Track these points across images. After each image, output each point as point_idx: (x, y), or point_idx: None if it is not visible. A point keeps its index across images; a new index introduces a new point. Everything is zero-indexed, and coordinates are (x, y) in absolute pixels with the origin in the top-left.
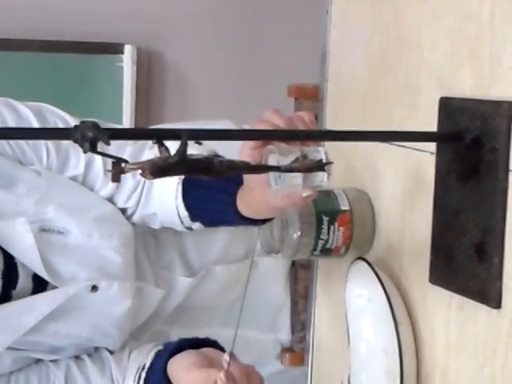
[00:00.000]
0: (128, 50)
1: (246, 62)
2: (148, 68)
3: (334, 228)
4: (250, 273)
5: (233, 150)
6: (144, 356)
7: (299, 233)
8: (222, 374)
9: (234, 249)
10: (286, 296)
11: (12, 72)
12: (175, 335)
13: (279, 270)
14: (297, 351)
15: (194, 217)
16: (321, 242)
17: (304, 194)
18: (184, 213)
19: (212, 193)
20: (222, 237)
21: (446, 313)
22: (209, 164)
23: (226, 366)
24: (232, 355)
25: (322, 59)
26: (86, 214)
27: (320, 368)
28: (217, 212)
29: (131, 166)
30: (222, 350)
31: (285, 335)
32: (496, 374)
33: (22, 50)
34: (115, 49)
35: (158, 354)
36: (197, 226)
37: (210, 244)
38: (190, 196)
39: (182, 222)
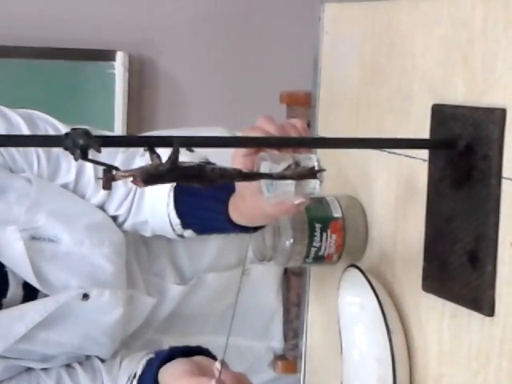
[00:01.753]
0: (120, 56)
1: (238, 69)
2: (140, 75)
3: (327, 235)
4: (241, 280)
5: (225, 158)
6: (135, 364)
7: (292, 240)
8: (213, 382)
9: (226, 256)
10: (278, 303)
11: (3, 79)
12: (167, 343)
13: (271, 277)
14: (289, 359)
15: (185, 224)
16: (313, 250)
17: (296, 202)
18: (176, 220)
19: (204, 200)
20: (214, 244)
21: (438, 320)
22: (200, 171)
23: (217, 374)
24: (223, 363)
25: (314, 66)
26: (77, 222)
27: (312, 376)
28: (209, 219)
29: (122, 174)
30: (214, 358)
31: (277, 343)
32: (489, 382)
33: (13, 56)
34: (107, 56)
35: (149, 363)
36: (188, 233)
37: (202, 252)
38: (181, 203)
39: (174, 230)
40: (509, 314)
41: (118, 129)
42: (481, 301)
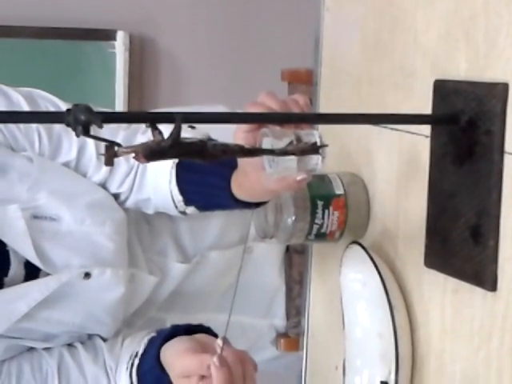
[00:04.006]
0: (120, 36)
1: (240, 46)
2: (141, 54)
3: (329, 212)
4: (243, 258)
5: (226, 134)
6: (137, 343)
7: (294, 217)
8: (215, 359)
9: (228, 234)
10: (280, 281)
11: (3, 59)
12: (170, 321)
13: (274, 255)
14: (292, 336)
15: (188, 201)
16: (315, 227)
17: (298, 178)
18: (178, 197)
19: (206, 176)
20: (217, 222)
21: (441, 296)
22: (203, 147)
23: (219, 351)
24: (225, 340)
25: (316, 43)
26: (79, 201)
27: (315, 353)
28: (211, 196)
29: (124, 150)
30: (216, 335)
31: (280, 320)
32: (492, 357)
33: (13, 36)
34: (107, 35)
35: (150, 341)
36: (191, 210)
37: (205, 229)
38: (184, 180)
39: (176, 207)
40: (511, 289)
41: (119, 108)
42: (483, 276)
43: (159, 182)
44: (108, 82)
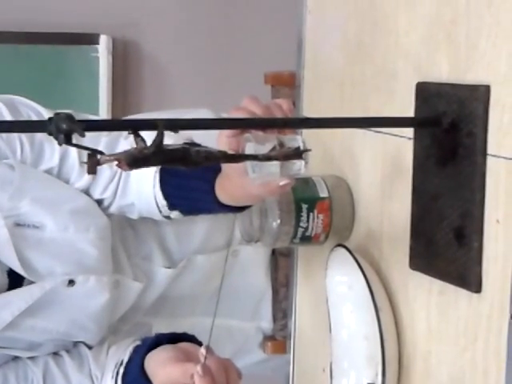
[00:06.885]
0: (103, 40)
1: (223, 50)
2: (124, 58)
3: (314, 215)
4: (228, 262)
5: (210, 138)
6: (122, 351)
7: (279, 221)
8: (198, 368)
9: (214, 238)
10: (267, 284)
11: None
12: (157, 326)
13: (260, 258)
14: (279, 339)
15: (172, 205)
16: (300, 230)
17: (281, 183)
18: (162, 202)
19: (190, 181)
20: (202, 226)
21: (426, 298)
22: (186, 154)
23: (202, 359)
24: (209, 349)
25: (298, 46)
26: (62, 208)
27: (302, 356)
28: (195, 200)
29: (107, 158)
30: (200, 343)
31: (266, 323)
32: (477, 358)
33: None
34: (90, 39)
35: (135, 350)
36: (175, 214)
37: (190, 234)
38: (167, 184)
39: (161, 212)
40: (496, 290)
41: (103, 112)
42: (468, 277)
43: (143, 186)
44: (91, 86)
